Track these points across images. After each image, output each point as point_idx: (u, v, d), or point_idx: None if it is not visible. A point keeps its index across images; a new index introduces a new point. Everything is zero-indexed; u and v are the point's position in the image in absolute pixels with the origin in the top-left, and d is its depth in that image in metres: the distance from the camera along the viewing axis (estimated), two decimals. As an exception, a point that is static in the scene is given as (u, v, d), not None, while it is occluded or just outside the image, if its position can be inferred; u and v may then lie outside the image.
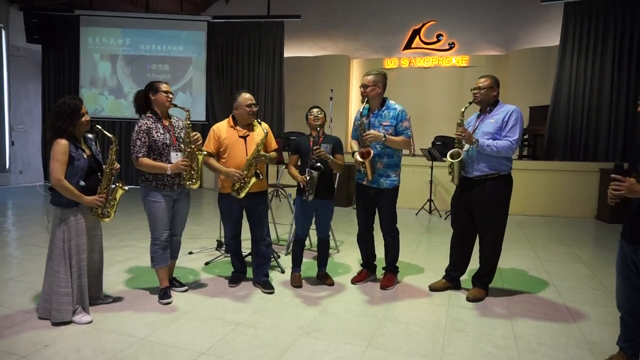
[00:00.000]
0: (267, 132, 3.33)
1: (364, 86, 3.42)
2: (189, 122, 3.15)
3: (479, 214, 3.28)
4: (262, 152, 3.30)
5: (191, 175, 3.18)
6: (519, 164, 7.07)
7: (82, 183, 2.77)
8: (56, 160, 2.71)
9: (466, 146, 3.28)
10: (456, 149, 3.27)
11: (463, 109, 3.27)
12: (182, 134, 3.23)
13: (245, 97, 3.35)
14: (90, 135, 2.98)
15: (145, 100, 3.18)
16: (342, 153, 3.57)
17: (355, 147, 3.50)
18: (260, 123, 3.41)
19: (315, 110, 3.50)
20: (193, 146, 3.15)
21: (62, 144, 2.73)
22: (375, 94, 3.40)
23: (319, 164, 3.33)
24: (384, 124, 3.38)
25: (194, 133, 3.15)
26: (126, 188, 2.93)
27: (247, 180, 3.25)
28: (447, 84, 9.64)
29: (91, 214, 2.87)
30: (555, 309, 3.22)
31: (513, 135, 3.15)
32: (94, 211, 2.86)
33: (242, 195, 3.26)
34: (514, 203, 3.34)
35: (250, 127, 3.41)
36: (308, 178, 3.33)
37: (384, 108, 3.43)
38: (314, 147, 3.31)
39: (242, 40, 9.82)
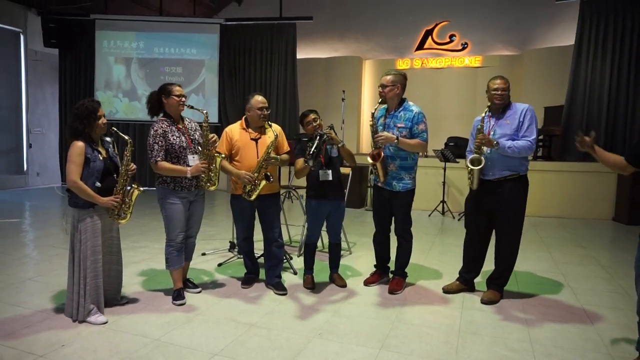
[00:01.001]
0: (277, 135, 3.33)
1: (382, 86, 3.38)
2: (207, 124, 3.17)
3: (498, 215, 3.25)
4: (272, 155, 3.30)
5: (209, 177, 3.21)
6: (534, 165, 6.98)
7: (97, 184, 2.81)
8: (72, 162, 2.75)
9: (484, 148, 3.24)
10: (476, 156, 3.20)
11: (484, 114, 3.21)
12: (197, 136, 3.26)
13: (258, 99, 3.35)
14: (108, 139, 3.03)
15: (158, 103, 3.21)
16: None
17: None
18: (270, 125, 3.41)
19: (312, 115, 3.40)
20: (211, 148, 3.17)
21: (78, 146, 2.77)
22: (394, 95, 3.37)
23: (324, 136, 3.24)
24: (399, 125, 3.35)
25: (211, 135, 3.17)
26: (142, 189, 2.96)
27: (258, 183, 3.26)
28: (460, 84, 9.57)
29: (107, 215, 2.91)
30: (572, 312, 3.17)
31: (531, 135, 3.13)
32: (110, 212, 2.90)
33: (253, 197, 3.28)
34: (529, 204, 3.30)
35: (262, 130, 3.42)
36: (313, 138, 3.21)
37: (400, 109, 3.39)
38: (322, 132, 3.24)
39: (255, 42, 9.86)
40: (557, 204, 7.08)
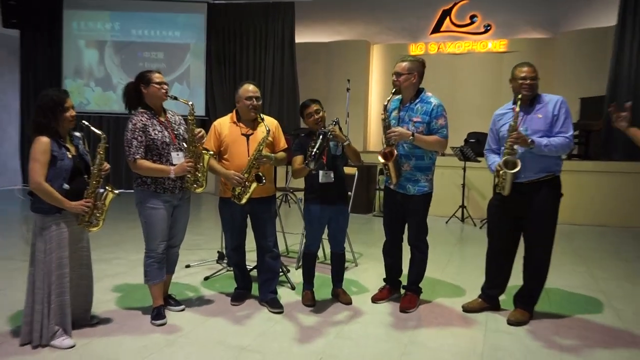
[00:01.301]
0: (269, 130, 3.32)
1: (397, 74, 3.38)
2: (192, 117, 3.16)
3: (528, 222, 3.24)
4: (265, 153, 3.30)
5: (196, 178, 3.20)
6: (569, 165, 6.93)
7: (65, 186, 2.80)
8: (36, 161, 2.73)
9: (517, 148, 3.17)
10: (512, 157, 3.14)
11: (518, 108, 3.15)
12: (181, 130, 3.25)
13: (246, 88, 3.36)
14: (77, 134, 3.02)
15: (136, 94, 3.20)
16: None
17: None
18: (262, 119, 3.39)
19: (313, 107, 3.39)
20: (198, 144, 3.16)
21: (42, 142, 2.75)
22: (410, 84, 3.37)
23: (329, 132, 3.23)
24: (415, 119, 3.34)
25: (198, 130, 3.17)
26: (117, 192, 2.95)
27: (248, 185, 3.25)
28: (483, 72, 9.56)
29: (77, 222, 2.90)
30: (616, 336, 3.15)
31: (568, 130, 3.13)
32: (80, 219, 2.89)
33: (243, 201, 3.28)
34: (562, 210, 3.29)
35: (255, 124, 3.41)
36: (316, 137, 3.20)
37: (417, 101, 3.39)
38: (325, 130, 3.23)
39: (247, 24, 9.89)
40: (595, 210, 7.06)
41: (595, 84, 8.36)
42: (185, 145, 3.20)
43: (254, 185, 3.25)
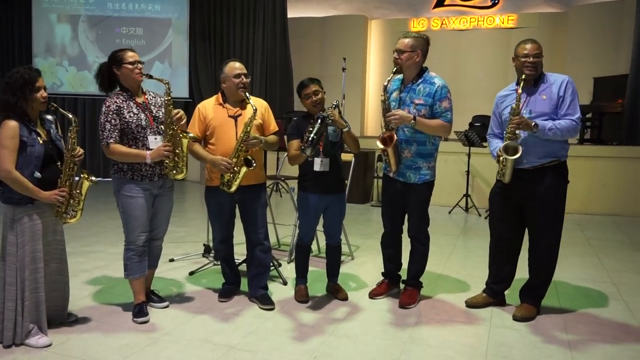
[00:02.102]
0: (256, 109, 3.27)
1: (398, 51, 3.36)
2: (169, 97, 3.16)
3: (532, 212, 3.27)
4: (254, 134, 3.29)
5: (175, 164, 3.19)
6: (580, 150, 7.00)
7: (37, 174, 2.79)
8: (3, 147, 2.72)
9: (519, 132, 3.19)
10: (512, 143, 3.15)
11: (520, 90, 3.15)
12: (161, 113, 3.24)
13: (234, 65, 3.35)
14: (49, 117, 3.01)
15: (109, 75, 3.19)
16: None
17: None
18: (249, 99, 3.32)
19: (312, 87, 3.38)
20: (175, 127, 3.16)
21: (10, 127, 2.74)
22: (412, 63, 3.36)
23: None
24: (417, 101, 3.35)
25: (175, 111, 3.15)
26: (94, 179, 2.95)
27: (237, 170, 3.25)
28: (489, 50, 9.55)
29: (52, 213, 2.90)
30: (627, 331, 3.20)
31: (575, 113, 3.13)
32: (56, 210, 2.89)
33: (233, 189, 3.27)
34: (572, 199, 3.33)
35: (243, 105, 3.41)
36: (313, 121, 3.20)
37: (419, 81, 3.39)
38: (323, 113, 3.23)
39: (234, -3, 9.80)
40: (609, 199, 7.11)
41: (610, 62, 8.37)
42: (163, 129, 3.20)
43: (244, 170, 3.23)
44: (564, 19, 9.15)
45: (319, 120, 3.18)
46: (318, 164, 3.38)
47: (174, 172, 3.21)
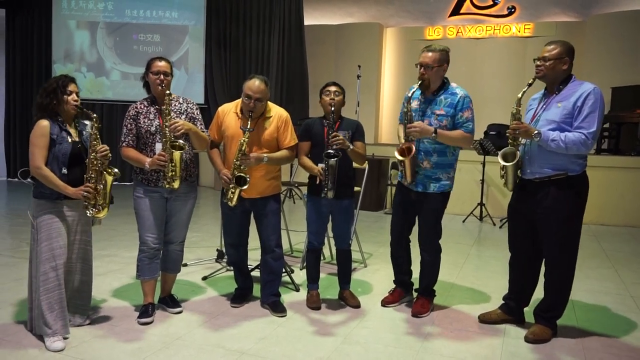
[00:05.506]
0: (245, 130, 3.20)
1: (425, 66, 3.30)
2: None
3: (541, 226, 3.13)
4: (255, 153, 3.27)
5: (174, 173, 3.14)
6: (598, 160, 6.93)
7: (64, 171, 2.92)
8: (34, 145, 2.88)
9: (523, 139, 3.15)
10: (511, 148, 3.11)
11: (520, 95, 3.09)
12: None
13: (249, 85, 3.26)
14: (87, 122, 3.11)
15: (145, 80, 3.30)
16: (364, 141, 3.58)
17: (402, 133, 3.43)
18: (268, 116, 3.37)
19: (333, 87, 3.49)
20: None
21: (41, 126, 2.90)
22: (438, 77, 3.36)
23: (336, 152, 3.30)
24: (438, 112, 3.33)
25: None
26: (116, 171, 3.00)
27: (232, 188, 3.25)
28: (505, 58, 9.52)
29: (81, 209, 3.00)
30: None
31: (589, 127, 2.91)
32: (84, 205, 2.98)
33: (232, 204, 3.28)
34: (590, 210, 3.22)
35: (259, 118, 3.37)
36: (325, 168, 3.30)
37: (441, 92, 3.37)
38: (330, 134, 3.30)
39: (250, 5, 9.87)
40: (625, 210, 7.04)
41: (628, 72, 8.29)
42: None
43: (237, 189, 3.23)
44: (582, 28, 9.09)
45: (328, 162, 3.27)
46: (325, 166, 3.38)
47: (167, 181, 3.13)
